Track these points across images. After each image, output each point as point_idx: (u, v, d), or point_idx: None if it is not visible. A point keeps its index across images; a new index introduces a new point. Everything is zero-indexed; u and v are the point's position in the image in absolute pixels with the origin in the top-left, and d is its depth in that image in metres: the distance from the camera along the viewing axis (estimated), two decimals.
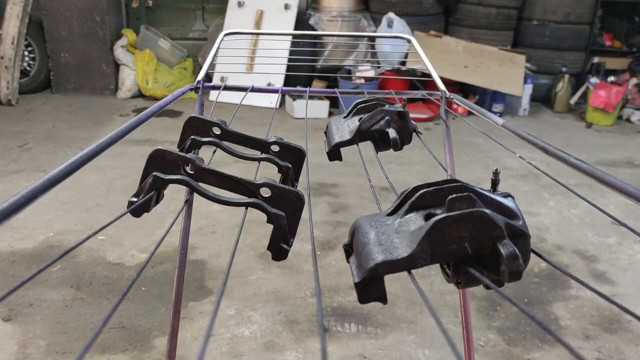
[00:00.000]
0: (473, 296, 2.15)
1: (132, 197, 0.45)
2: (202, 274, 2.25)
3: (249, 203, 0.46)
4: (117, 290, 2.13)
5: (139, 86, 4.96)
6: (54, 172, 0.40)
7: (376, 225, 0.42)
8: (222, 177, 0.47)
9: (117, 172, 3.26)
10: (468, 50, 4.82)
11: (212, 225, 2.64)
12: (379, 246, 0.39)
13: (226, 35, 1.23)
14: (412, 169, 3.53)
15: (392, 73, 4.76)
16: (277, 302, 2.08)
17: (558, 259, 2.51)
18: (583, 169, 0.49)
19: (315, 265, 0.36)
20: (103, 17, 4.85)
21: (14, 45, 4.47)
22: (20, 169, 3.30)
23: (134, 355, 1.77)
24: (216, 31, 5.04)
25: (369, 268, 0.37)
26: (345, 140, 0.67)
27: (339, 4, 4.97)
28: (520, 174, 3.53)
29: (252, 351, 1.81)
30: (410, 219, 0.41)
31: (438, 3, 5.14)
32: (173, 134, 4.01)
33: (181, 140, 0.59)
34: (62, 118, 4.37)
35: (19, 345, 1.80)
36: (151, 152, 0.46)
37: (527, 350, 1.88)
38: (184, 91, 0.83)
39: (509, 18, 5.12)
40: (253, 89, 0.97)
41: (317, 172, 3.31)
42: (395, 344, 1.88)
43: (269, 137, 0.59)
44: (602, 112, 4.84)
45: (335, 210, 2.88)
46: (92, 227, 2.60)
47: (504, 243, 0.37)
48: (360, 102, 0.72)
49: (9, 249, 2.38)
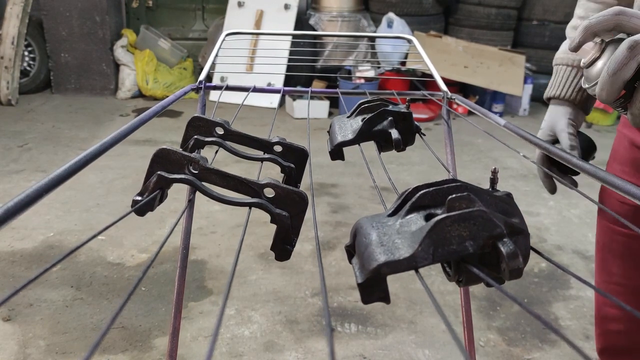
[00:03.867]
0: (473, 296, 2.16)
1: (137, 196, 0.45)
2: (202, 274, 2.25)
3: (253, 203, 0.46)
4: (117, 290, 2.13)
5: (139, 86, 4.97)
6: (58, 171, 0.40)
7: (377, 226, 0.42)
8: (226, 177, 0.47)
9: (118, 172, 3.26)
10: (468, 50, 4.83)
11: (212, 226, 2.65)
12: (381, 247, 0.39)
13: (227, 36, 1.23)
14: (413, 169, 3.53)
15: (392, 73, 4.76)
16: (277, 302, 2.08)
17: (558, 259, 2.51)
18: (585, 169, 0.50)
19: (321, 266, 0.36)
20: (103, 17, 4.85)
21: (14, 45, 4.47)
22: (20, 169, 3.30)
23: (134, 355, 1.77)
24: (216, 31, 5.05)
25: (371, 269, 0.37)
26: (348, 140, 0.68)
27: (339, 4, 4.98)
28: (520, 174, 3.54)
29: (252, 351, 1.82)
30: (411, 219, 0.41)
31: (438, 3, 5.14)
32: (173, 134, 4.01)
33: (184, 139, 0.60)
34: (62, 118, 4.37)
35: (19, 345, 1.80)
36: (155, 151, 0.47)
37: (527, 351, 1.88)
38: (186, 91, 0.83)
39: (509, 18, 5.12)
40: (255, 89, 0.98)
41: (318, 172, 3.32)
42: (395, 344, 1.88)
43: (271, 138, 0.60)
44: (602, 112, 4.84)
45: (335, 210, 2.88)
46: (92, 227, 2.60)
47: (503, 241, 0.37)
48: (364, 102, 0.72)
49: (9, 249, 2.38)
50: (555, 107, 0.98)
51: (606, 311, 1.03)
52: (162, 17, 5.49)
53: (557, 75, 0.98)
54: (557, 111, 0.97)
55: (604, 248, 1.03)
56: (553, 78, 0.99)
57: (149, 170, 0.47)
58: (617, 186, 0.45)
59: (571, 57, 0.96)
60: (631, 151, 0.93)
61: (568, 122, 0.96)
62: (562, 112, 0.97)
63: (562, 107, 0.97)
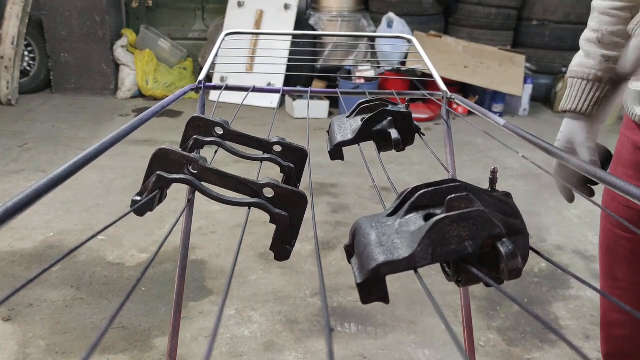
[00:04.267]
0: (473, 296, 2.15)
1: (136, 196, 0.45)
2: (202, 274, 2.25)
3: (252, 203, 0.46)
4: (117, 290, 2.13)
5: (139, 86, 4.97)
6: (57, 171, 0.40)
7: (377, 226, 0.42)
8: (225, 177, 0.47)
9: (117, 172, 3.26)
10: (468, 50, 4.82)
11: (212, 226, 2.65)
12: (380, 247, 0.39)
13: (227, 36, 1.23)
14: (412, 169, 3.53)
15: (392, 73, 4.76)
16: (277, 302, 2.08)
17: (558, 259, 2.51)
18: (585, 169, 0.50)
19: (320, 266, 0.36)
20: (103, 17, 4.85)
21: (14, 45, 4.47)
22: (20, 169, 3.30)
23: (134, 355, 1.77)
24: (216, 31, 5.05)
25: (370, 269, 0.37)
26: (348, 140, 0.68)
27: (339, 4, 4.97)
28: (520, 174, 3.54)
29: (252, 351, 1.82)
30: (410, 219, 0.41)
31: (438, 3, 5.14)
32: (173, 134, 4.01)
33: (184, 139, 0.60)
34: (62, 118, 4.37)
35: (19, 345, 1.80)
36: (155, 151, 0.47)
37: (527, 351, 1.88)
38: (186, 91, 0.83)
39: (509, 18, 5.12)
40: (255, 89, 0.98)
41: (317, 172, 3.32)
42: (395, 344, 1.88)
43: (271, 138, 0.60)
44: None
45: (335, 210, 2.88)
46: (92, 227, 2.60)
47: (503, 242, 0.37)
48: (363, 102, 0.73)
49: (9, 249, 2.38)
50: (572, 121, 0.98)
51: (612, 317, 1.03)
52: (162, 17, 5.49)
53: (573, 88, 0.98)
54: (575, 125, 0.98)
55: (609, 253, 1.03)
56: (569, 91, 0.99)
57: (149, 170, 0.47)
58: (617, 186, 0.45)
59: (586, 71, 0.97)
60: (635, 154, 0.93)
61: (587, 136, 0.96)
62: (580, 126, 0.97)
63: (579, 122, 0.97)
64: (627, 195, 0.44)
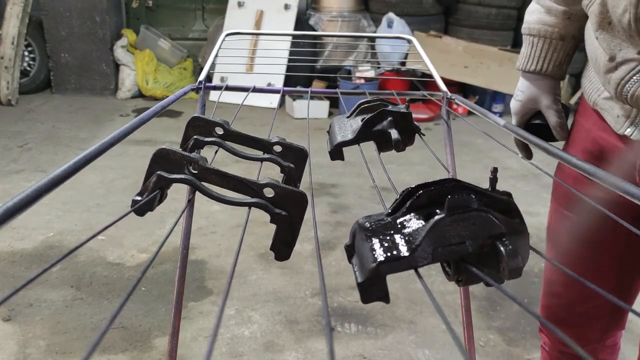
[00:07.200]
0: (473, 296, 2.15)
1: (136, 196, 0.45)
2: (202, 274, 2.25)
3: (252, 203, 0.46)
4: (117, 290, 2.13)
5: (139, 86, 4.97)
6: (57, 171, 0.40)
7: (377, 226, 0.42)
8: (226, 177, 0.47)
9: (117, 172, 3.26)
10: (468, 50, 4.82)
11: (212, 226, 2.65)
12: (381, 247, 0.39)
13: (227, 36, 1.23)
14: (413, 169, 3.53)
15: (392, 73, 4.76)
16: (277, 302, 2.08)
17: None
18: (585, 169, 0.50)
19: (320, 266, 0.36)
20: (103, 17, 4.85)
21: (14, 45, 4.47)
22: (20, 169, 3.30)
23: (134, 355, 1.77)
24: (216, 31, 5.05)
25: (371, 268, 0.37)
26: (348, 140, 0.68)
27: (339, 4, 4.97)
28: (520, 174, 3.54)
29: (252, 351, 1.82)
30: (410, 219, 0.41)
31: (438, 3, 5.14)
32: (173, 134, 4.01)
33: (184, 139, 0.60)
34: (62, 118, 4.37)
35: (19, 345, 1.80)
36: (155, 151, 0.47)
37: (527, 350, 1.88)
38: (186, 91, 0.83)
39: (509, 18, 5.12)
40: (255, 89, 0.98)
41: (317, 172, 3.32)
42: (395, 344, 1.88)
43: (271, 138, 0.60)
44: None
45: (335, 210, 2.88)
46: (92, 227, 2.60)
47: (503, 241, 0.37)
48: (364, 102, 0.73)
49: (9, 249, 2.38)
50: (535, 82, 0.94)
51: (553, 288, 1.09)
52: (162, 17, 5.49)
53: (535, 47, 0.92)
54: (540, 86, 0.93)
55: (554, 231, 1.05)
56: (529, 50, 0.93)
57: (149, 170, 0.47)
58: (617, 186, 0.45)
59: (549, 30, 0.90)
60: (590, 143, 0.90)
61: (554, 98, 0.93)
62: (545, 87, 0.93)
63: (544, 82, 0.93)
64: (627, 195, 0.44)
